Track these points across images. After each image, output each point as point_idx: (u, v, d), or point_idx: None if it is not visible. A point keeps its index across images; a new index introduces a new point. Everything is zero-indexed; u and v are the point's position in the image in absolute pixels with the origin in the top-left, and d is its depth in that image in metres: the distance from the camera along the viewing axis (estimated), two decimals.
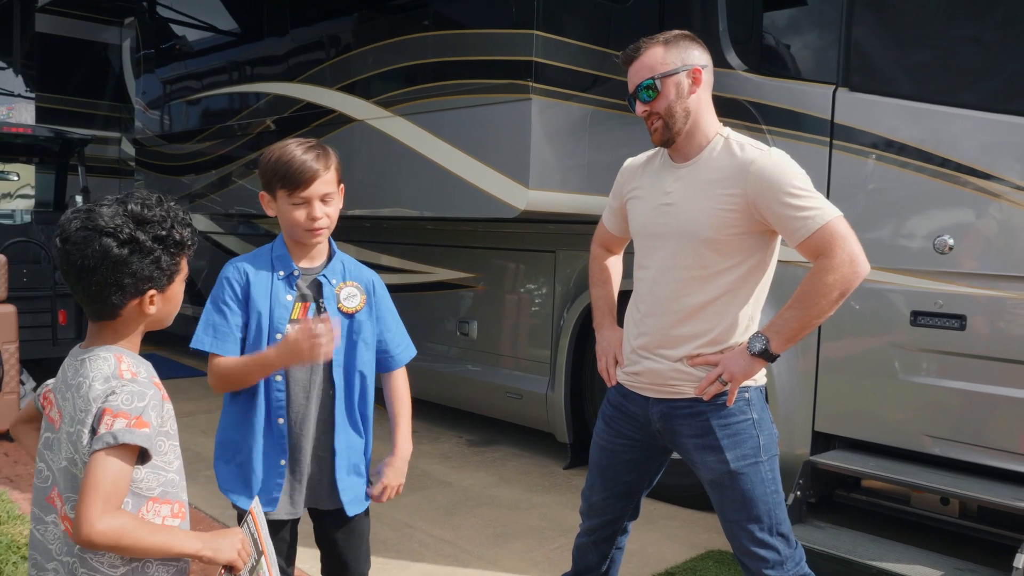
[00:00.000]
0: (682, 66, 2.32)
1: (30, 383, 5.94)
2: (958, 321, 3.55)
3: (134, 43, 8.60)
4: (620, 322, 2.70)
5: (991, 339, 3.48)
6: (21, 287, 6.31)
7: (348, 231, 5.95)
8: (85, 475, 1.51)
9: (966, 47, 3.57)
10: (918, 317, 3.65)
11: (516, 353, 5.31)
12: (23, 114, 9.24)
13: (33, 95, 9.96)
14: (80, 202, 7.74)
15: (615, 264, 2.86)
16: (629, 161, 2.68)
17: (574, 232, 4.97)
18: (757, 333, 2.29)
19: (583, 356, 5.00)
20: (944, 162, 3.57)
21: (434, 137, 4.48)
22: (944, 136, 3.58)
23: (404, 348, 2.45)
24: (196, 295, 7.04)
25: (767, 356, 2.26)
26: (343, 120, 5.14)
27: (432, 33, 4.58)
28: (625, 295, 2.64)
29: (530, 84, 4.01)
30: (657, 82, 2.30)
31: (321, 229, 2.23)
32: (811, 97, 3.90)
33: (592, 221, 4.63)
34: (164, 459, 1.62)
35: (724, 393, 2.34)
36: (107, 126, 9.32)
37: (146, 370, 1.63)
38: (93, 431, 1.54)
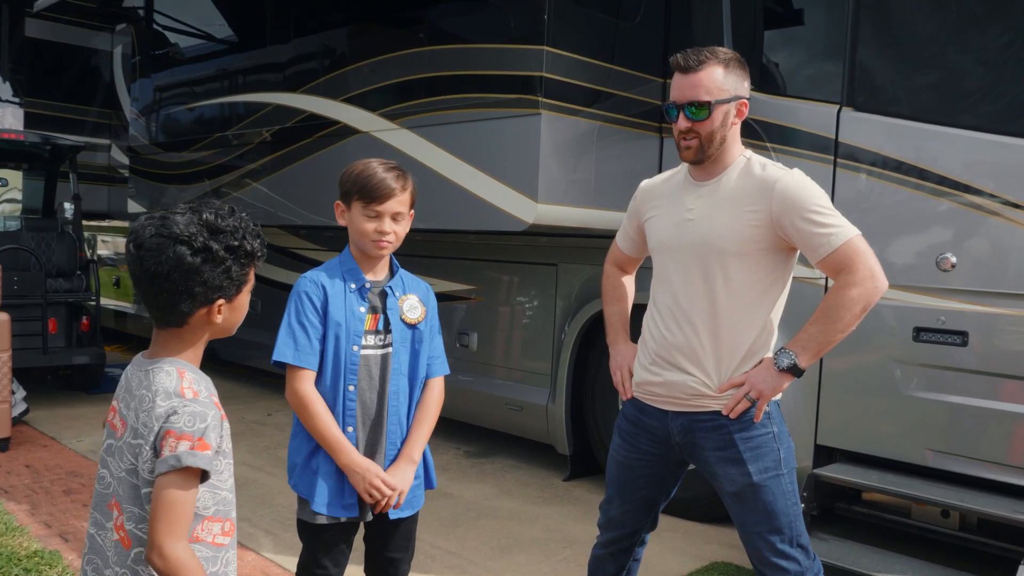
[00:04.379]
0: (734, 96, 2.36)
1: (20, 392, 5.87)
2: (960, 337, 3.62)
3: (128, 50, 8.55)
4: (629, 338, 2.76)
5: (992, 355, 3.56)
6: (11, 295, 6.25)
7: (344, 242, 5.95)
8: (153, 499, 1.53)
9: (969, 69, 3.65)
10: (920, 333, 3.72)
11: (516, 365, 5.34)
12: (9, 119, 9.14)
13: (20, 100, 9.86)
14: (69, 209, 7.69)
15: (629, 283, 2.87)
16: (645, 183, 2.71)
17: (576, 245, 5.01)
18: (783, 348, 2.33)
19: (584, 368, 5.04)
20: (946, 181, 3.65)
21: (441, 150, 4.51)
22: (946, 156, 3.66)
23: (439, 363, 2.53)
24: None
25: (795, 371, 2.31)
26: (348, 131, 5.15)
27: (440, 47, 4.61)
28: (637, 309, 2.67)
29: (540, 99, 4.05)
30: (712, 106, 2.34)
31: (387, 244, 2.35)
32: (816, 116, 3.98)
33: (595, 235, 4.72)
34: (220, 478, 1.64)
35: (749, 409, 2.38)
36: (96, 133, 9.25)
37: (206, 387, 1.63)
38: (156, 450, 1.55)
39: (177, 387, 1.58)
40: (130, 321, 9.32)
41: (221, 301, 1.64)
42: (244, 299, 1.71)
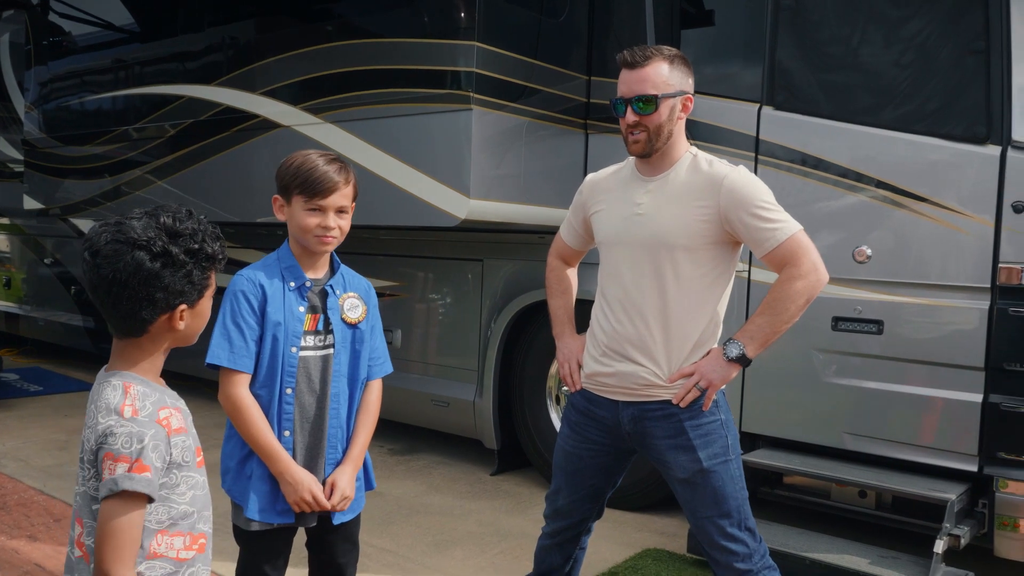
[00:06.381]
0: (679, 91, 2.43)
1: None
2: (876, 326, 3.81)
3: (18, 37, 8.07)
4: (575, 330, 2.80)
5: (905, 342, 3.76)
6: None
7: (263, 239, 5.80)
8: (99, 523, 1.49)
9: (882, 71, 3.85)
10: (839, 322, 3.90)
11: (442, 361, 5.32)
12: None
13: None
14: None
15: (572, 275, 2.92)
16: (591, 177, 2.75)
17: (502, 241, 5.03)
18: (731, 339, 2.41)
19: (511, 363, 5.07)
20: (861, 177, 3.84)
21: (368, 145, 4.45)
22: (861, 153, 3.85)
23: (381, 362, 2.47)
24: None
25: (743, 361, 2.40)
26: (268, 125, 5.01)
27: (367, 40, 4.54)
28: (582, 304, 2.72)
29: (471, 95, 4.05)
30: (659, 99, 2.39)
31: (331, 239, 2.27)
32: (738, 115, 4.12)
33: (521, 231, 4.75)
34: (176, 491, 1.59)
35: (699, 398, 2.45)
36: None
37: (152, 403, 1.57)
38: (97, 469, 1.52)
39: (118, 404, 1.54)
40: (22, 323, 8.84)
41: (183, 307, 1.60)
42: (206, 304, 1.67)
